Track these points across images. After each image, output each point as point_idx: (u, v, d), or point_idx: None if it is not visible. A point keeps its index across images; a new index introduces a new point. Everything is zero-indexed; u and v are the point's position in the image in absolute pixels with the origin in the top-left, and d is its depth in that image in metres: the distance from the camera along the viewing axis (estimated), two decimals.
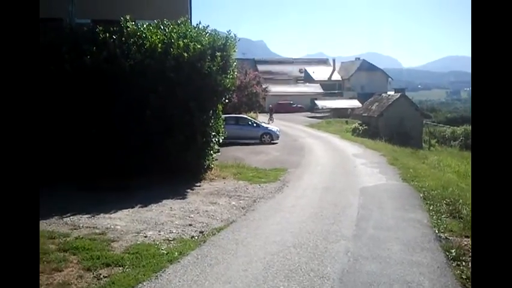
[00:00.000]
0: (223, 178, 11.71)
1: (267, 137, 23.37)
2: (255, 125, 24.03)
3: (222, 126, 12.96)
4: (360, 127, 33.53)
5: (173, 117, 10.78)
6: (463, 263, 5.51)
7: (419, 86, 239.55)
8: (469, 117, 62.59)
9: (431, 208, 8.61)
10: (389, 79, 74.45)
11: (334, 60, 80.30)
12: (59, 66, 10.14)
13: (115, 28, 11.00)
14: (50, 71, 9.98)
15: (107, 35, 10.68)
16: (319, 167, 14.99)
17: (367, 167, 14.81)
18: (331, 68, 76.95)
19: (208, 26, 11.89)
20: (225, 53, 11.52)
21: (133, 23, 11.21)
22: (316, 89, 67.83)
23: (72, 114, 10.40)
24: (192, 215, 7.76)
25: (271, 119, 38.67)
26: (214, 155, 12.42)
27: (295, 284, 4.79)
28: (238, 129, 22.49)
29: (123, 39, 10.84)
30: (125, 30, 11.01)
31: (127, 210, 8.02)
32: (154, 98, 10.54)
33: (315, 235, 6.63)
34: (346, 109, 51.94)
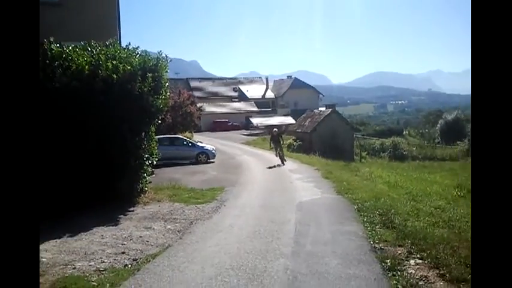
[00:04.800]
0: (158, 201, 11.39)
1: (203, 157, 23.22)
2: (190, 144, 23.79)
3: (156, 147, 12.67)
4: (295, 143, 34.32)
5: (105, 141, 10.38)
6: (398, 273, 5.72)
7: (348, 101, 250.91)
8: (396, 130, 66.47)
9: (365, 220, 8.92)
10: (320, 95, 77.25)
11: (267, 79, 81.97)
12: None
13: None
14: None
15: None
16: (256, 184, 15.07)
17: (303, 182, 15.12)
18: (264, 86, 78.44)
19: (138, 47, 11.69)
20: (156, 74, 11.36)
21: (57, 45, 10.73)
22: (250, 106, 68.77)
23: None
24: (125, 242, 7.44)
25: (277, 151, 22.15)
26: (148, 178, 12.10)
27: None
28: (174, 150, 22.20)
29: (47, 61, 10.33)
30: (48, 53, 10.50)
31: (54, 240, 7.52)
32: (82, 122, 10.09)
33: (254, 254, 6.60)
34: (280, 126, 53.00)
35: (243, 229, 8.39)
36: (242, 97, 72.99)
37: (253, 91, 74.95)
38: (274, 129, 23.82)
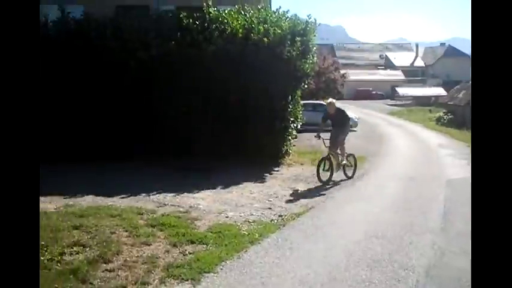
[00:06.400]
0: (301, 164, 11.64)
1: None
2: None
3: (300, 112, 12.85)
4: (445, 116, 31.58)
5: (253, 102, 10.88)
6: None
7: None
8: None
9: None
10: None
11: (417, 46, 76.18)
12: (147, 51, 10.61)
13: (198, 14, 11.27)
14: (138, 56, 10.52)
15: (190, 21, 10.97)
16: (400, 156, 14.38)
17: (454, 158, 13.92)
18: (413, 54, 73.14)
19: (288, 10, 11.79)
20: (304, 38, 11.36)
21: (215, 8, 11.41)
22: (397, 75, 64.96)
23: (160, 98, 10.87)
24: (271, 199, 7.81)
25: (335, 146, 10.68)
26: (292, 141, 12.38)
27: (378, 274, 4.62)
28: (316, 116, 22.18)
29: (206, 25, 11.07)
30: (207, 16, 11.23)
31: (209, 190, 8.25)
32: (234, 83, 10.70)
33: (399, 226, 6.35)
34: (429, 97, 49.18)
35: (386, 200, 8.12)
36: (388, 65, 69.38)
37: (401, 59, 70.51)
38: (330, 99, 10.65)
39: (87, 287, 3.99)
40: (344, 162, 9.85)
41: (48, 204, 6.76)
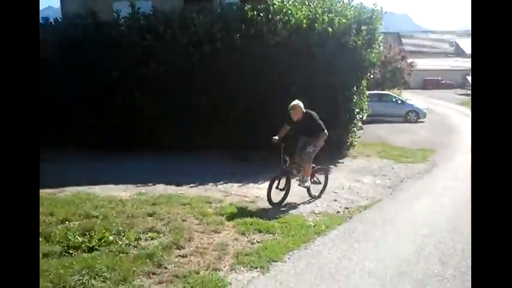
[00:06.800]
0: (367, 156, 11.38)
1: (413, 115, 21.90)
2: (399, 102, 22.71)
3: (366, 102, 12.54)
4: None
5: (317, 93, 10.77)
6: None
7: None
8: None
9: None
10: None
11: None
12: (212, 44, 10.84)
13: (262, 6, 11.30)
14: (204, 49, 10.77)
15: (255, 13, 11.03)
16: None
17: None
18: None
19: (352, 0, 11.52)
20: (370, 27, 11.06)
21: (279, 0, 11.38)
22: (468, 63, 61.33)
23: (222, 91, 11.07)
24: (337, 191, 7.72)
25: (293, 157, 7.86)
26: (357, 132, 12.12)
27: (450, 269, 4.45)
28: (382, 107, 21.47)
29: (270, 16, 11.08)
30: (271, 8, 11.23)
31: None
32: (299, 74, 10.64)
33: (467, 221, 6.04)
34: None
35: (458, 195, 7.72)
36: (459, 53, 65.59)
37: None
38: (294, 101, 6.96)
39: (162, 271, 4.18)
40: (307, 184, 7.09)
41: (123, 192, 7.16)
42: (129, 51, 11.03)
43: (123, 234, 4.93)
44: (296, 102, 6.89)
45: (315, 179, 7.36)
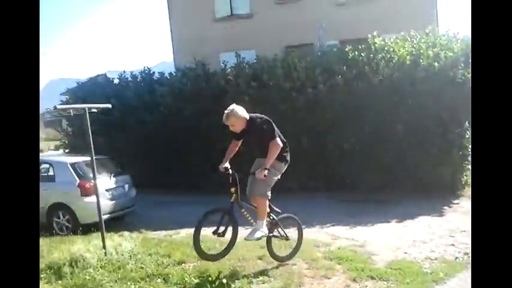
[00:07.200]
0: None
1: None
2: None
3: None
4: None
5: (424, 131, 10.37)
6: None
7: None
8: None
9: None
10: None
11: None
12: (314, 88, 11.07)
13: (362, 46, 11.36)
14: (307, 91, 11.05)
15: (356, 53, 11.12)
16: None
17: None
18: None
19: (458, 32, 11.07)
20: None
21: (380, 38, 11.35)
22: None
23: (325, 131, 11.17)
24: (454, 235, 7.19)
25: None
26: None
27: None
28: None
29: (371, 55, 11.08)
30: (372, 47, 11.24)
31: (382, 224, 8.05)
32: (404, 112, 10.39)
33: None
34: None
35: None
36: None
37: None
38: (230, 106, 5.21)
39: None
40: (258, 234, 5.12)
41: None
42: (237, 99, 11.71)
43: (236, 277, 5.14)
44: (232, 107, 5.08)
45: (279, 230, 5.45)
